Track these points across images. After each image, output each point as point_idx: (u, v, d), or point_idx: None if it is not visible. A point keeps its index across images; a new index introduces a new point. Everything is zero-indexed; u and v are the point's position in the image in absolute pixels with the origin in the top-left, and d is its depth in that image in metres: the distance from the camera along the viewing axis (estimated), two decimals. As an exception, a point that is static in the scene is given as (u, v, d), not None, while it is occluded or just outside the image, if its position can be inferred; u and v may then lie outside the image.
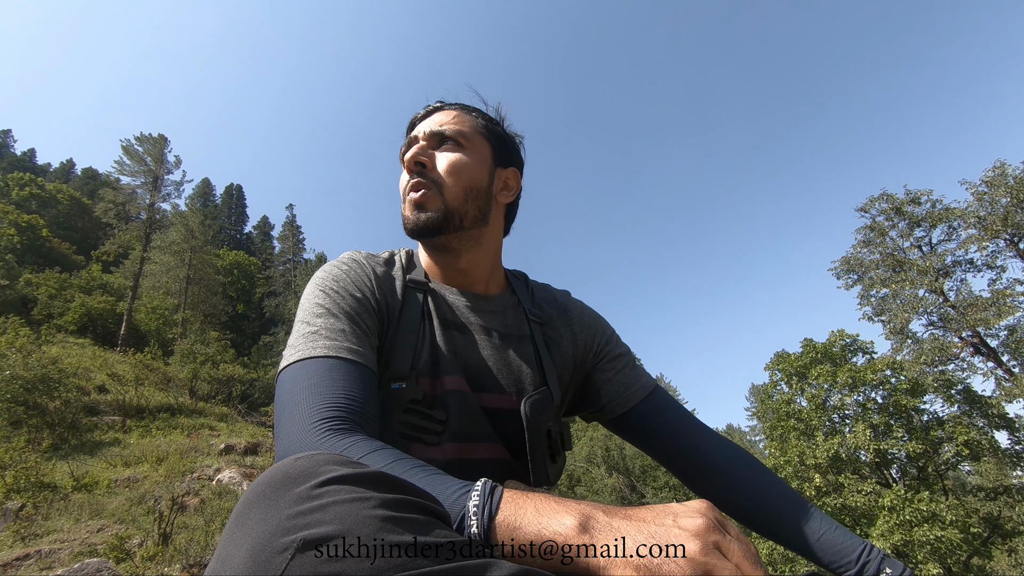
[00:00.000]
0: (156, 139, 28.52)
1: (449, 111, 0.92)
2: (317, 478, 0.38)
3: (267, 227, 63.62)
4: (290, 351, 0.71)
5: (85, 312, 21.76)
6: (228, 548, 0.36)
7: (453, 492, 0.49)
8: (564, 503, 0.47)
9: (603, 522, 0.44)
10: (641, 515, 0.45)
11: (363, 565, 0.33)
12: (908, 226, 16.05)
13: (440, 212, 0.84)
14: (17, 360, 9.58)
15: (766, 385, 15.17)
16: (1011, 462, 12.12)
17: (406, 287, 0.87)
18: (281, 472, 0.40)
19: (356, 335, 0.73)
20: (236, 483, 7.72)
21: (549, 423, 0.88)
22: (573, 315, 1.00)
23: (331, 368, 0.67)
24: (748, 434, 45.81)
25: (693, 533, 0.41)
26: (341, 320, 0.74)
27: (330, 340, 0.71)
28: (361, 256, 0.89)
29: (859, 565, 0.71)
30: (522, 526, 0.45)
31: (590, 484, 24.74)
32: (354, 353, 0.70)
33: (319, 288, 0.80)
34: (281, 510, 0.36)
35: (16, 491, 6.26)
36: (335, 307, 0.76)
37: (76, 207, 43.92)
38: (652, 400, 0.94)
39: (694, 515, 0.43)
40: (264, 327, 42.43)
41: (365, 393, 0.66)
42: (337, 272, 0.83)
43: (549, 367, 0.91)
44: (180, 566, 4.81)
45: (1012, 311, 13.40)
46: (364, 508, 0.36)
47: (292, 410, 0.62)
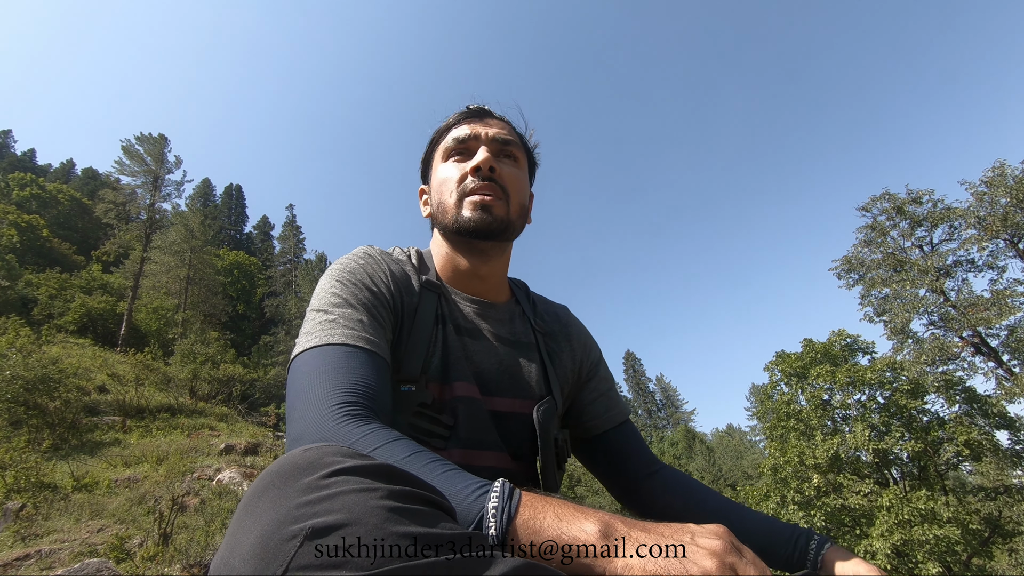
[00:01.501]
0: (156, 139, 28.52)
1: (503, 124, 0.96)
2: (325, 468, 0.39)
3: (267, 227, 63.64)
4: (306, 338, 0.70)
5: (85, 312, 21.77)
6: (237, 536, 0.37)
7: (472, 491, 0.49)
8: (583, 509, 0.47)
9: (623, 531, 0.44)
10: (660, 529, 0.45)
11: (370, 554, 0.33)
12: (909, 226, 16.04)
13: (503, 220, 0.87)
14: (17, 360, 9.58)
15: (766, 385, 15.15)
16: (1012, 462, 12.12)
17: (422, 287, 0.87)
18: (289, 462, 0.40)
19: (373, 327, 0.73)
20: (236, 483, 7.73)
21: (555, 431, 0.90)
22: (572, 332, 1.04)
23: (348, 355, 0.66)
24: (748, 434, 45.82)
25: (711, 552, 0.42)
26: (359, 311, 0.74)
27: (348, 329, 0.70)
28: (376, 251, 0.89)
29: (795, 547, 0.77)
30: (542, 529, 0.45)
31: (590, 484, 24.74)
32: (371, 344, 0.70)
33: (336, 279, 0.80)
34: (290, 499, 0.37)
35: (16, 491, 6.26)
36: (352, 298, 0.76)
37: (76, 207, 43.93)
38: (626, 428, 0.98)
39: (712, 536, 0.44)
40: (264, 327, 42.44)
41: (380, 384, 0.66)
42: (354, 265, 0.83)
43: (553, 376, 0.94)
44: (180, 566, 4.81)
45: (1012, 311, 13.41)
46: (371, 498, 0.37)
47: (308, 393, 0.61)
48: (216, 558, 0.38)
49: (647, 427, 58.79)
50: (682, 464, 32.44)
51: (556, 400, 0.92)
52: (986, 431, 11.87)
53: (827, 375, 12.58)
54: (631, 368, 61.33)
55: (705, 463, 34.83)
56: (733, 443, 44.82)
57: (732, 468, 34.33)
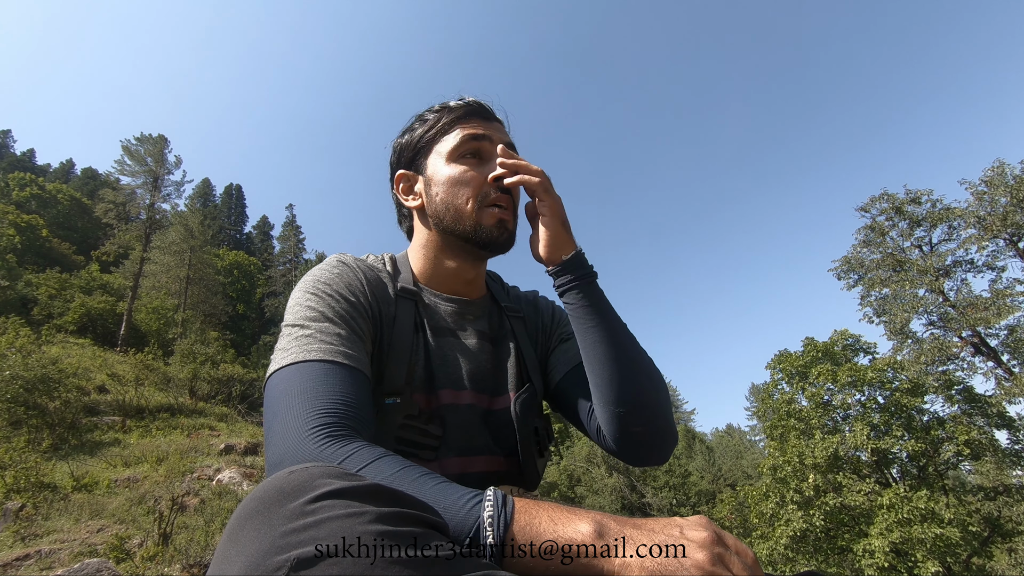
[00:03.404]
0: (156, 139, 28.49)
1: (502, 125, 0.94)
2: (311, 492, 0.38)
3: (267, 227, 63.62)
4: (281, 355, 0.68)
5: (85, 312, 21.75)
6: (222, 567, 0.36)
7: (465, 502, 0.49)
8: (576, 511, 0.48)
9: (616, 530, 0.46)
10: (649, 525, 0.47)
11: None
12: (908, 226, 16.04)
13: (513, 236, 0.87)
14: (17, 360, 9.57)
15: (767, 384, 15.16)
16: (1011, 462, 12.12)
17: (397, 296, 0.85)
18: (274, 487, 0.39)
19: (351, 340, 0.71)
20: (236, 483, 7.72)
21: (535, 420, 0.90)
22: (541, 305, 1.05)
23: (326, 372, 0.64)
24: (748, 434, 45.82)
25: (700, 544, 0.44)
26: (336, 324, 0.71)
27: (325, 344, 0.67)
28: (350, 259, 0.86)
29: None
30: (539, 533, 0.46)
31: (590, 484, 24.73)
32: (350, 358, 0.67)
33: (310, 292, 0.77)
34: (274, 527, 0.36)
35: (16, 491, 6.26)
36: (328, 310, 0.73)
37: (76, 207, 43.91)
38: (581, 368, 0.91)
39: (698, 528, 0.46)
40: (264, 327, 42.45)
41: (361, 401, 0.64)
42: (328, 275, 0.80)
43: (532, 360, 0.94)
44: (180, 566, 4.81)
45: (1012, 311, 13.41)
46: (359, 523, 0.36)
47: (286, 415, 0.58)
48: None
49: (647, 427, 58.57)
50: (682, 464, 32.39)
51: (536, 385, 0.91)
52: (985, 431, 11.88)
53: (828, 375, 12.58)
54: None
55: (705, 463, 34.80)
56: (733, 443, 44.80)
57: (732, 468, 34.30)
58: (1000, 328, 13.90)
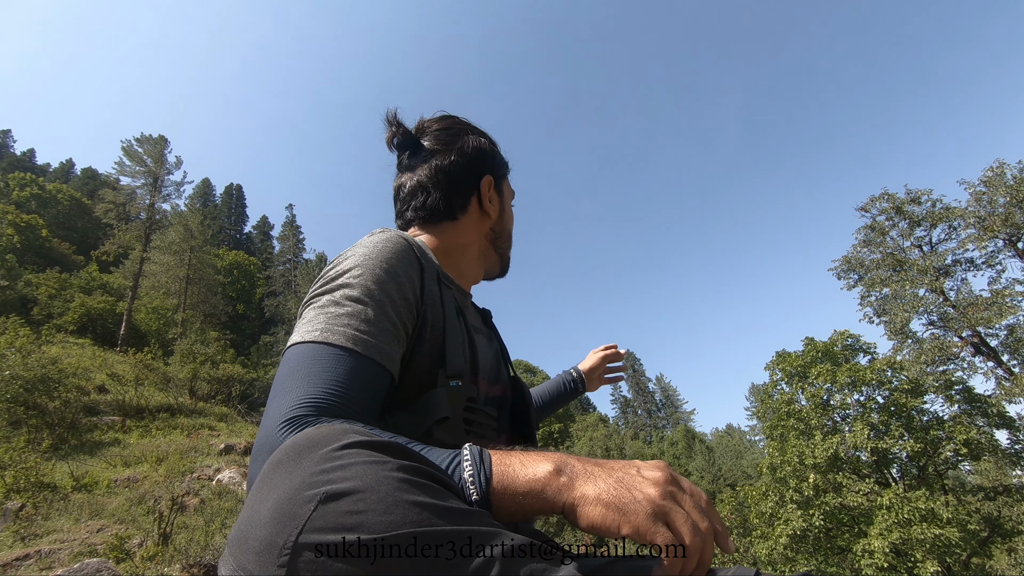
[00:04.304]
0: (156, 140, 28.48)
1: None
2: (339, 441, 0.41)
3: (267, 227, 63.61)
4: (308, 326, 0.64)
5: (85, 312, 21.74)
6: (255, 505, 0.38)
7: (446, 465, 0.49)
8: (542, 453, 0.51)
9: (577, 468, 0.49)
10: (610, 465, 0.50)
11: (381, 519, 0.35)
12: (908, 226, 16.05)
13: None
14: (17, 360, 9.57)
15: (766, 384, 15.15)
16: (1010, 462, 12.12)
17: (439, 280, 0.82)
18: (304, 437, 0.42)
19: (385, 330, 0.66)
20: (236, 483, 7.73)
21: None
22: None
23: (338, 360, 0.60)
24: (748, 434, 45.81)
25: (654, 482, 0.47)
26: (371, 307, 0.66)
27: (351, 329, 0.63)
28: (410, 239, 0.80)
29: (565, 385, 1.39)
30: (514, 480, 0.48)
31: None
32: (372, 349, 0.63)
33: (364, 265, 0.70)
34: (305, 469, 0.38)
35: (16, 491, 6.26)
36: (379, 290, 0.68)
37: (76, 207, 43.90)
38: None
39: (654, 468, 0.49)
40: (264, 327, 42.43)
41: (363, 396, 0.60)
42: (389, 252, 0.74)
43: (506, 353, 1.01)
44: (180, 566, 4.81)
45: (1012, 310, 13.41)
46: (383, 469, 0.38)
47: (279, 396, 0.56)
48: (234, 529, 0.39)
49: (647, 427, 58.78)
50: (682, 464, 32.41)
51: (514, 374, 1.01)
52: (985, 431, 11.87)
53: (827, 375, 12.58)
54: (631, 368, 61.32)
55: (705, 463, 34.81)
56: (733, 443, 44.81)
57: (731, 468, 34.30)
58: (1000, 328, 13.91)
